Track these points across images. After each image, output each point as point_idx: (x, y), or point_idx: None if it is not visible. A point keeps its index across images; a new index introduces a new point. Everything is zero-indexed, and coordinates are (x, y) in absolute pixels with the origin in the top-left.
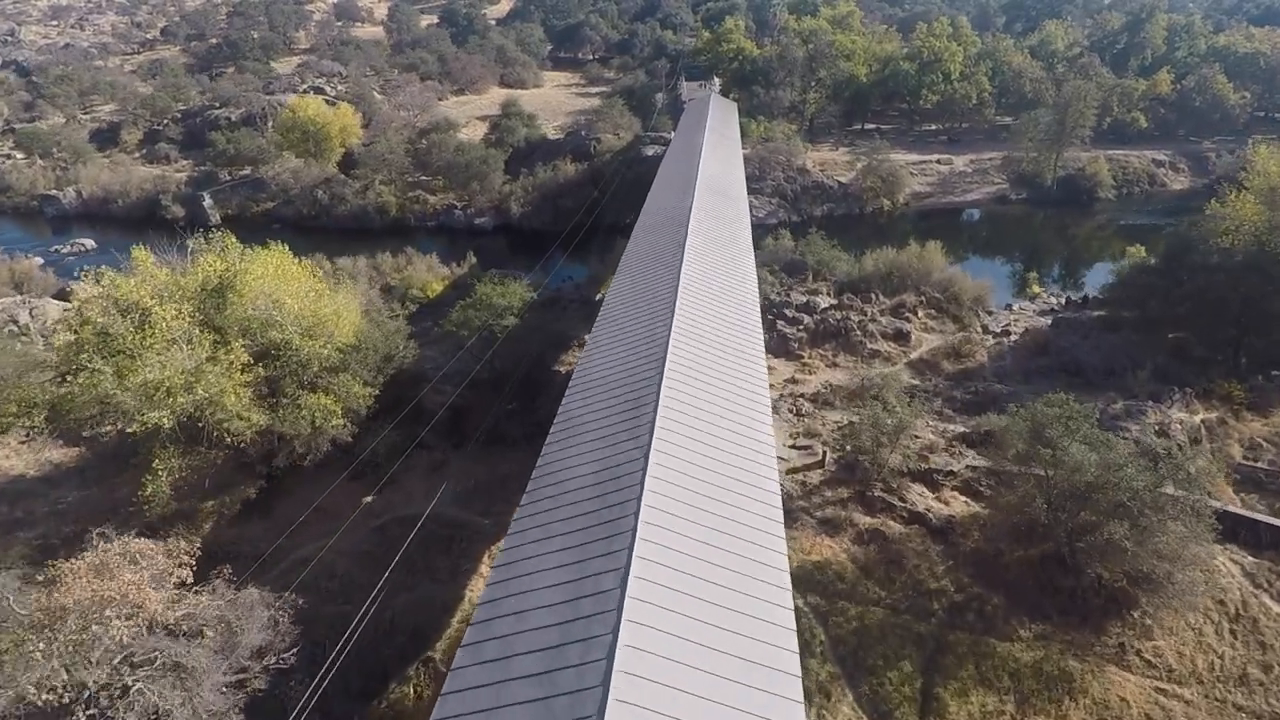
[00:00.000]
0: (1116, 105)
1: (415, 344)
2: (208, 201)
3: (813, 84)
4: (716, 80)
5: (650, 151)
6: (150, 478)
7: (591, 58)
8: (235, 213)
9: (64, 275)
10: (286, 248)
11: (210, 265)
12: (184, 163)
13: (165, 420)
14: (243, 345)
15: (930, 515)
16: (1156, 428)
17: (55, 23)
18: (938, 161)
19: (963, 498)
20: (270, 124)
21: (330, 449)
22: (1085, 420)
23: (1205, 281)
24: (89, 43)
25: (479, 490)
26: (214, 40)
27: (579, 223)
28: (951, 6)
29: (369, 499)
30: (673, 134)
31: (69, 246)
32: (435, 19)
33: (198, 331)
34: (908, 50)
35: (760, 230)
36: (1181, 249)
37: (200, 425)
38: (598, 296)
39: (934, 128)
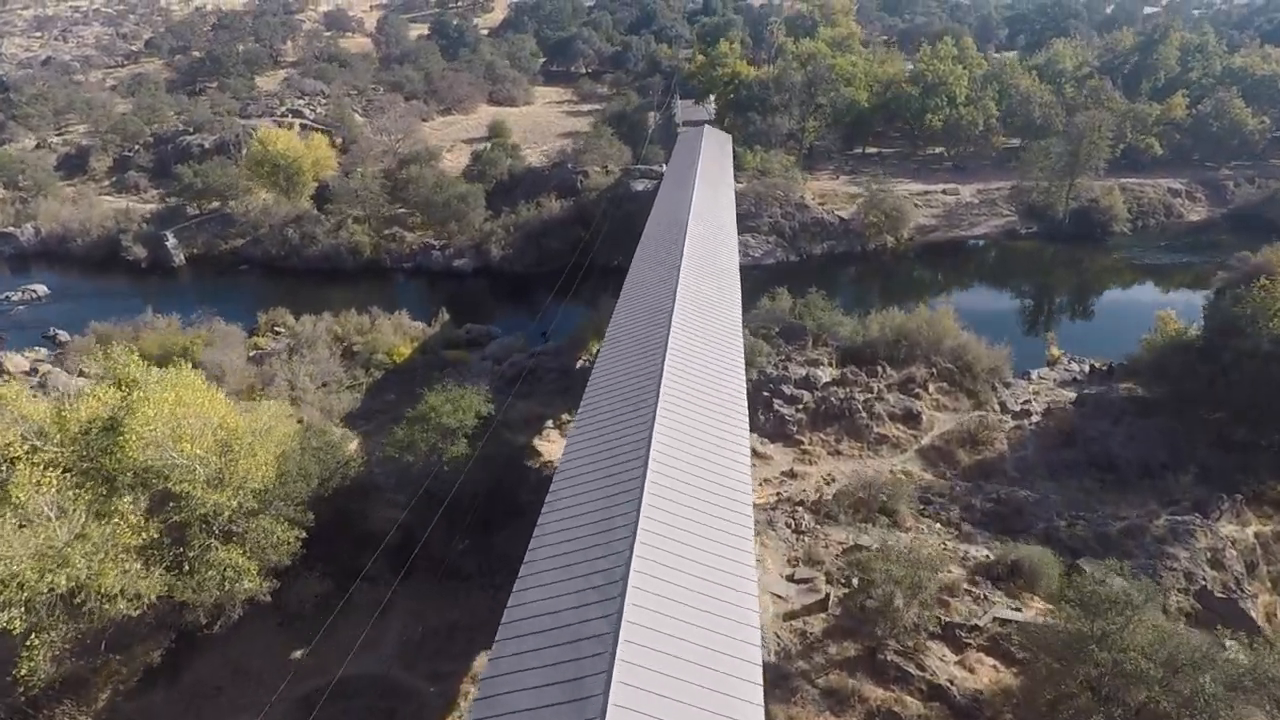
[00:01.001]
0: (1130, 131)
1: (361, 451)
2: (171, 242)
3: (811, 111)
4: (712, 101)
5: (640, 186)
6: (26, 654)
7: (584, 71)
8: (201, 252)
9: (11, 330)
10: (192, 369)
11: (101, 398)
12: (154, 192)
13: (16, 624)
14: (134, 499)
15: (954, 689)
16: (1209, 554)
17: (39, 34)
18: (943, 192)
19: (991, 660)
20: (244, 151)
21: (248, 607)
22: (1149, 599)
23: (1258, 371)
24: (71, 55)
25: (427, 641)
26: (197, 54)
27: (565, 266)
28: (952, 17)
29: (298, 654)
30: (664, 166)
31: (19, 294)
32: (426, 30)
33: (72, 494)
34: (911, 72)
35: (757, 271)
36: (1225, 326)
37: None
38: (577, 364)
39: (939, 151)
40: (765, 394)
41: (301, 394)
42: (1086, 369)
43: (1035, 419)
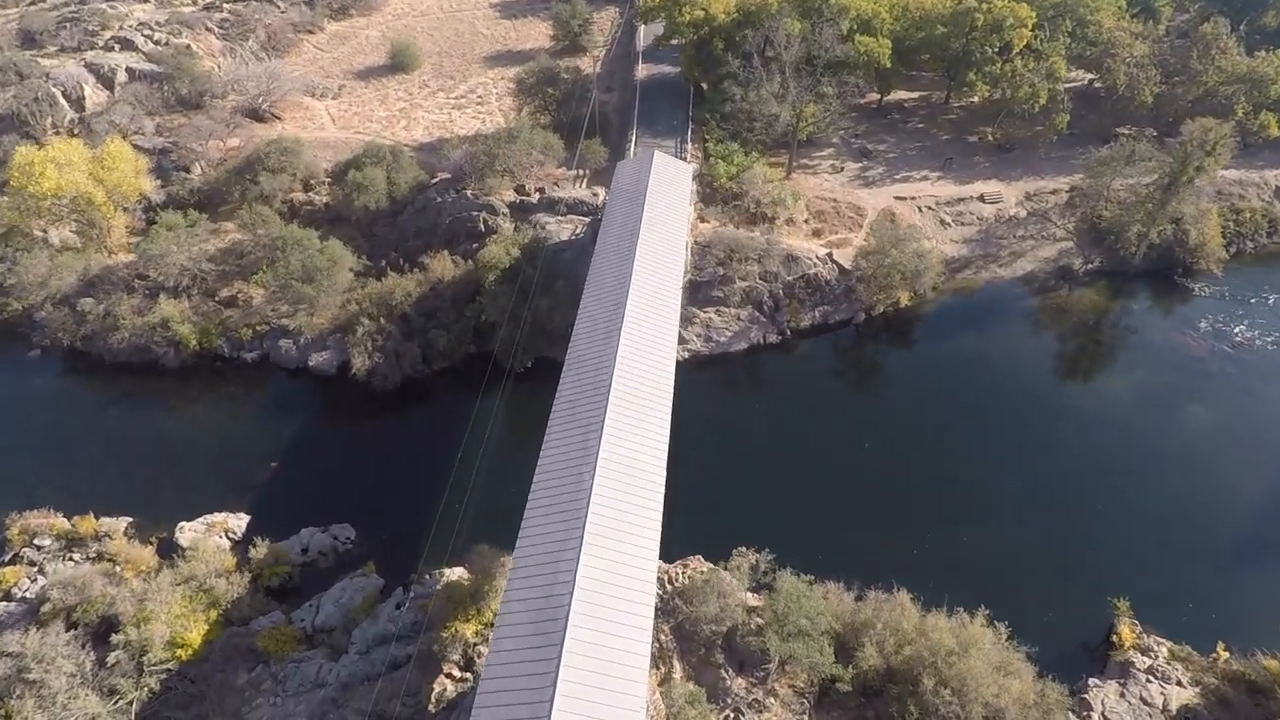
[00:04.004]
0: (1241, 105)
1: None
2: None
3: (812, 91)
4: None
5: (565, 233)
6: None
7: None
8: None
9: None
10: None
11: None
12: None
13: None
14: None
15: None
16: None
17: None
18: (981, 198)
19: None
20: (47, 124)
21: None
22: None
23: None
24: None
25: None
26: None
27: (457, 363)
28: None
29: None
30: (601, 195)
31: None
32: None
33: None
34: (955, 10)
35: (723, 364)
36: None
37: None
38: (434, 695)
39: (980, 99)
40: None
41: None
42: (1173, 690)
43: None
